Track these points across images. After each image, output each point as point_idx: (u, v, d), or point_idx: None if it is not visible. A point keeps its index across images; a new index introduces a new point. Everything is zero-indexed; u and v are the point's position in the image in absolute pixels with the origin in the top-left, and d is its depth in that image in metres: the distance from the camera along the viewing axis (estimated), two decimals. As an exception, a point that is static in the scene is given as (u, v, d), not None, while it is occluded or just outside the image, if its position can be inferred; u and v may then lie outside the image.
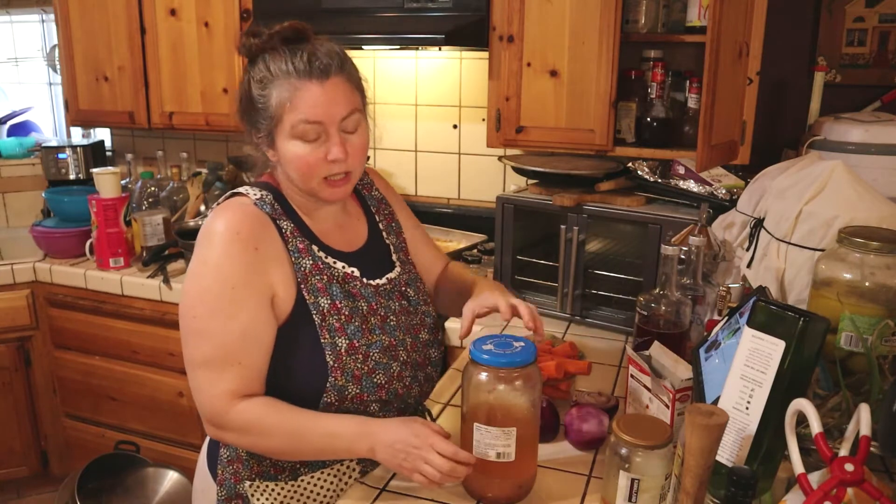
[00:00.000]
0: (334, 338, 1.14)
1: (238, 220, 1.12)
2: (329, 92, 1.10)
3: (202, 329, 1.10)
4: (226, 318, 1.09)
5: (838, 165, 1.37)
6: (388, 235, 1.32)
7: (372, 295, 1.21)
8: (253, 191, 1.17)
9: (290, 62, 1.09)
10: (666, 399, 1.16)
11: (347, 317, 1.15)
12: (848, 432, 0.85)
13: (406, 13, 2.06)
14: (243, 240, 1.10)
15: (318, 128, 1.10)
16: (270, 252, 1.13)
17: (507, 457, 1.07)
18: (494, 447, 1.07)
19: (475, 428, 1.07)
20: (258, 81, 1.11)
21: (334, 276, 1.17)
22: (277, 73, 1.09)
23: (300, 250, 1.15)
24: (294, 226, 1.17)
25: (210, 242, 1.11)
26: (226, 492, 1.23)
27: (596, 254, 1.96)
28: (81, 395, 2.59)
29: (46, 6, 2.99)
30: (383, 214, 1.34)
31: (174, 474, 2.41)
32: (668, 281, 1.36)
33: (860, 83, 2.07)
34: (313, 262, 1.16)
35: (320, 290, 1.15)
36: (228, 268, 1.09)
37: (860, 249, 1.17)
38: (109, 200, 2.41)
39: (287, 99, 1.09)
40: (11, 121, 3.27)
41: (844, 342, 1.17)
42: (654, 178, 1.91)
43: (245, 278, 1.10)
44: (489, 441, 1.07)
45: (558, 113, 1.95)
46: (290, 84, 1.09)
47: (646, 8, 1.93)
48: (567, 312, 1.95)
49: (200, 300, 1.11)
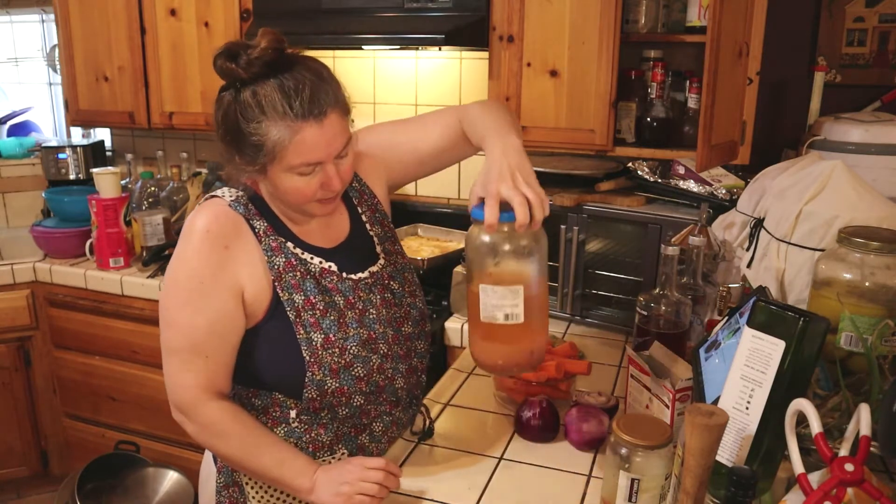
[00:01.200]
0: (309, 333, 1.16)
1: (210, 220, 1.15)
2: (327, 132, 1.09)
3: (172, 319, 1.15)
4: (193, 311, 1.13)
5: (838, 165, 1.37)
6: (371, 226, 1.32)
7: (350, 289, 1.22)
8: (230, 192, 1.20)
9: (286, 103, 1.05)
10: (666, 399, 1.16)
11: (322, 311, 1.17)
12: (848, 432, 0.85)
13: (406, 13, 2.06)
14: (212, 238, 1.14)
15: (317, 165, 1.11)
16: (241, 251, 1.16)
17: (516, 318, 1.03)
18: (502, 308, 1.03)
19: (481, 290, 1.03)
20: (248, 117, 1.07)
21: (309, 272, 1.19)
22: (271, 114, 1.06)
23: (273, 248, 1.18)
24: (268, 225, 1.19)
25: (185, 239, 1.16)
26: (223, 479, 1.27)
27: (596, 254, 1.96)
28: (81, 395, 2.59)
29: (46, 6, 2.99)
30: (366, 205, 1.33)
31: (174, 474, 2.41)
32: (668, 281, 1.36)
33: (860, 83, 2.07)
34: (286, 259, 1.18)
35: (294, 287, 1.17)
36: (197, 263, 1.14)
37: (860, 249, 1.17)
38: (109, 200, 2.41)
39: (286, 140, 1.06)
40: (11, 121, 3.27)
41: (844, 342, 1.18)
42: (654, 178, 1.91)
43: (213, 273, 1.13)
44: (496, 302, 1.03)
45: (558, 113, 1.96)
46: (287, 127, 1.06)
47: (646, 8, 1.93)
48: (567, 312, 1.95)
49: (173, 292, 1.16)
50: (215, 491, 1.28)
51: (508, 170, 1.05)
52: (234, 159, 1.13)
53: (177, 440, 2.47)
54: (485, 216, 1.01)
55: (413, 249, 2.30)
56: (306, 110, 1.06)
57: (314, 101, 1.07)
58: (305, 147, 1.07)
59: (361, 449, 1.25)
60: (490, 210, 1.01)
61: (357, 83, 2.54)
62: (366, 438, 1.25)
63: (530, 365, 1.10)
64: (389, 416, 1.27)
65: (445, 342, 2.00)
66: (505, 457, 1.28)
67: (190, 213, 1.19)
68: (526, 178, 1.05)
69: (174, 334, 1.15)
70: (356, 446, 1.24)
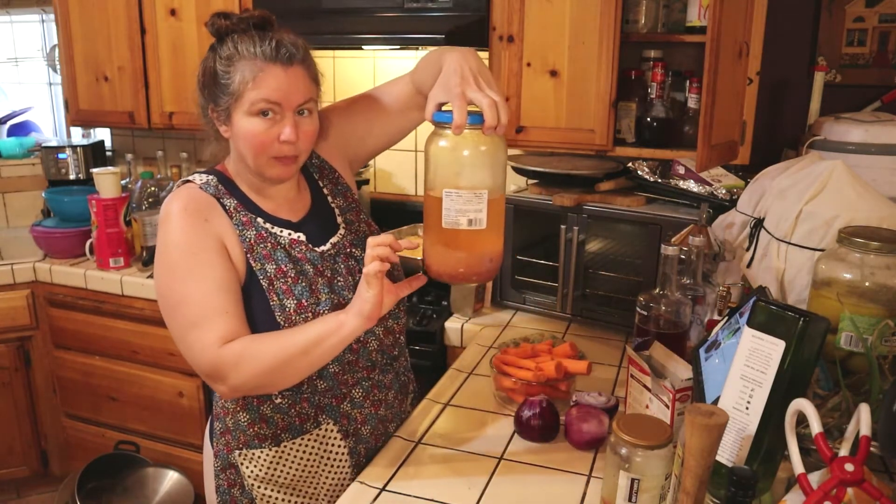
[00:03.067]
0: (282, 300, 1.19)
1: (186, 200, 1.20)
2: (291, 77, 1.15)
3: (180, 297, 1.17)
4: (199, 280, 1.16)
5: (838, 165, 1.37)
6: (333, 198, 1.35)
7: (318, 259, 1.26)
8: (199, 177, 1.26)
9: (259, 45, 1.15)
10: (666, 399, 1.16)
11: (294, 279, 1.21)
12: (848, 432, 0.85)
13: (406, 13, 2.06)
14: (191, 214, 1.19)
15: (275, 108, 1.15)
16: (218, 225, 1.20)
17: (479, 223, 1.04)
18: (465, 213, 1.03)
19: (445, 194, 1.03)
20: (224, 59, 1.16)
21: (279, 244, 1.24)
22: (244, 54, 1.15)
23: (244, 223, 1.23)
24: (237, 202, 1.24)
25: (166, 223, 1.20)
26: (220, 462, 1.31)
27: (596, 254, 1.96)
28: (81, 395, 2.59)
29: (46, 6, 2.99)
30: (327, 179, 1.37)
31: (174, 474, 2.41)
32: (668, 281, 1.36)
33: (860, 83, 2.07)
34: (257, 231, 1.23)
35: (265, 258, 1.22)
36: (185, 239, 1.18)
37: (860, 249, 1.17)
38: (109, 200, 2.41)
39: (250, 78, 1.14)
40: (11, 121, 3.27)
41: (844, 342, 1.18)
42: (654, 178, 1.91)
43: (204, 243, 1.18)
44: (460, 207, 1.03)
45: (558, 113, 1.96)
46: (255, 65, 1.14)
47: (646, 8, 1.93)
48: (567, 312, 1.95)
49: (172, 274, 1.18)
50: (213, 475, 1.32)
51: (471, 73, 1.07)
52: (207, 109, 1.21)
53: (177, 440, 2.47)
54: (454, 118, 1.02)
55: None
56: (274, 54, 1.15)
57: (282, 49, 1.15)
58: (266, 84, 1.14)
59: (345, 416, 1.28)
60: (460, 111, 1.02)
61: (357, 83, 2.54)
62: (347, 406, 1.28)
63: (488, 273, 1.10)
64: (368, 380, 1.30)
65: (445, 342, 2.00)
66: (505, 457, 1.28)
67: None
68: (488, 82, 1.07)
69: (189, 308, 1.16)
70: (339, 414, 1.27)
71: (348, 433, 1.28)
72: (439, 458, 1.28)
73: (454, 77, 1.07)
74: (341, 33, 2.06)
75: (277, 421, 1.26)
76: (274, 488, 1.28)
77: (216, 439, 1.33)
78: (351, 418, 1.28)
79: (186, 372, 2.36)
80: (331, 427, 1.27)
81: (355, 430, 1.29)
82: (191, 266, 1.16)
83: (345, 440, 1.28)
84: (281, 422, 1.26)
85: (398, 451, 1.29)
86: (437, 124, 1.07)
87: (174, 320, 1.18)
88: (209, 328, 1.14)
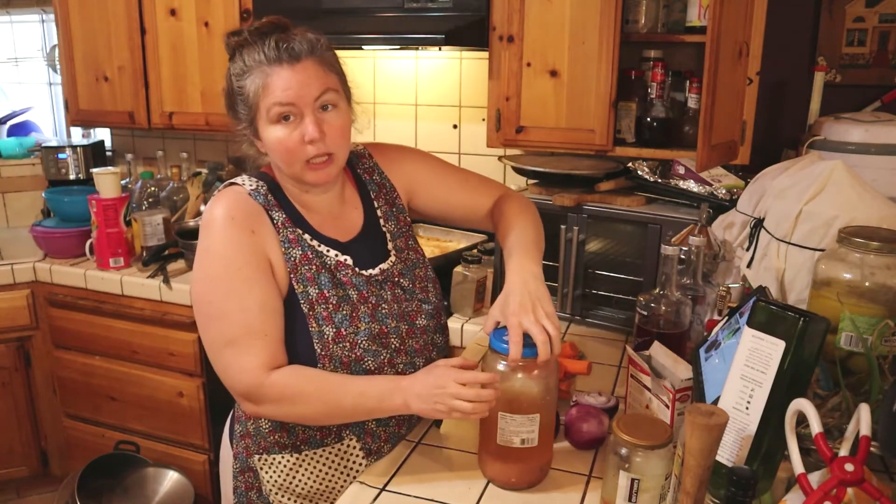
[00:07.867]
0: (322, 326, 1.17)
1: (232, 206, 1.17)
2: (299, 74, 1.12)
3: (220, 312, 1.14)
4: (240, 298, 1.13)
5: (838, 165, 1.37)
6: (385, 222, 1.32)
7: (363, 284, 1.23)
8: (249, 181, 1.21)
9: (262, 51, 1.13)
10: (666, 399, 1.16)
11: (335, 305, 1.19)
12: (848, 432, 0.85)
13: (406, 13, 2.06)
14: (238, 224, 1.15)
15: (292, 109, 1.13)
16: (264, 239, 1.17)
17: (531, 442, 1.10)
18: (519, 434, 1.10)
19: (500, 417, 1.09)
20: (236, 75, 1.16)
21: (325, 265, 1.20)
22: (251, 64, 1.13)
23: (290, 241, 1.19)
24: (286, 216, 1.20)
25: (210, 230, 1.16)
26: (239, 465, 1.30)
27: (596, 254, 1.96)
28: (81, 395, 2.59)
29: (46, 6, 2.98)
30: (384, 199, 1.34)
31: (174, 474, 2.41)
32: (668, 281, 1.36)
33: (860, 83, 2.07)
34: (303, 251, 1.20)
35: (309, 280, 1.19)
36: (231, 252, 1.14)
37: (860, 249, 1.17)
38: (109, 200, 2.41)
39: (260, 85, 1.13)
40: (11, 121, 3.27)
41: (844, 342, 1.18)
42: (654, 178, 1.91)
43: (248, 259, 1.14)
44: (514, 429, 1.09)
45: (558, 113, 1.95)
46: (262, 72, 1.12)
47: (646, 8, 1.93)
48: (567, 312, 1.95)
49: (213, 286, 1.15)
50: (232, 476, 1.31)
51: (530, 300, 1.10)
52: (237, 127, 1.19)
53: (177, 440, 2.47)
54: (510, 353, 1.06)
55: (413, 249, 2.31)
56: (278, 55, 1.12)
57: (287, 48, 1.12)
58: (276, 87, 1.12)
59: (370, 434, 1.26)
60: (515, 347, 1.06)
61: (357, 83, 2.54)
62: (373, 424, 1.26)
63: (538, 480, 1.16)
64: None
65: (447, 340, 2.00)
66: (505, 457, 1.27)
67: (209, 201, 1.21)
68: (546, 311, 1.10)
69: (227, 325, 1.13)
70: (364, 431, 1.26)
71: (371, 451, 1.27)
72: (439, 458, 1.28)
73: (513, 302, 1.11)
74: (341, 33, 2.06)
75: (298, 432, 1.24)
76: (291, 497, 1.26)
77: (236, 441, 1.32)
78: (375, 436, 1.27)
79: (186, 372, 2.36)
80: (353, 443, 1.25)
81: (378, 448, 1.27)
82: (233, 281, 1.13)
83: (367, 458, 1.26)
84: (302, 433, 1.24)
85: (398, 452, 1.29)
86: (493, 351, 1.11)
87: (209, 332, 1.16)
88: (248, 350, 1.12)
